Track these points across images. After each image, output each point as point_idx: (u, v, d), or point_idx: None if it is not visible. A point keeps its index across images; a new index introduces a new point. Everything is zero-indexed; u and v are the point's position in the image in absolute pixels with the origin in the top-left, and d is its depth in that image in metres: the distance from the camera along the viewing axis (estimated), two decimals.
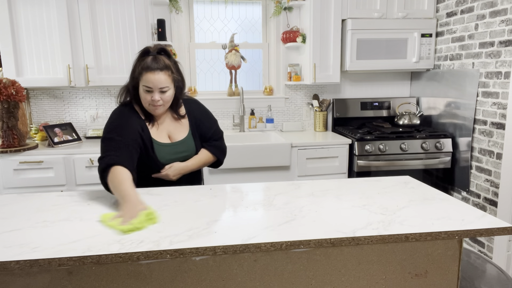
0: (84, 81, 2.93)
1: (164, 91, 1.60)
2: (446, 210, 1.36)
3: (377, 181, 1.74)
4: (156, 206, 1.42)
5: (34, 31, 2.82)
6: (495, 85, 2.64)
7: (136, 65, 1.62)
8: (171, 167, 1.69)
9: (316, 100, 3.52)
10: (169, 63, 1.62)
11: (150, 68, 1.57)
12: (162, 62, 1.59)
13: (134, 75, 1.62)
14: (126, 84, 1.68)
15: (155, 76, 1.56)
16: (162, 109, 1.65)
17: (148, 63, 1.58)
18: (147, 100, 1.60)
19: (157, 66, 1.57)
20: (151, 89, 1.58)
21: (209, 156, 1.80)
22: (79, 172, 2.75)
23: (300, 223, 1.25)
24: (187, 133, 1.75)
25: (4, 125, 2.66)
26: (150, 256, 1.06)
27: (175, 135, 1.73)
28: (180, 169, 1.72)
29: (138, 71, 1.59)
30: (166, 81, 1.59)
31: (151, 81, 1.57)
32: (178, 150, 1.72)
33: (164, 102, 1.62)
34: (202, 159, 1.78)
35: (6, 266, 1.01)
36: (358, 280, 1.27)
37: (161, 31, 3.09)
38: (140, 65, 1.59)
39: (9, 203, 1.47)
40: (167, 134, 1.72)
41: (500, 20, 2.59)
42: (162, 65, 1.59)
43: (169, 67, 1.61)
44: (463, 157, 2.98)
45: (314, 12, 3.11)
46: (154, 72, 1.56)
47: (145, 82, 1.58)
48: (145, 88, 1.58)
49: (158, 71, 1.57)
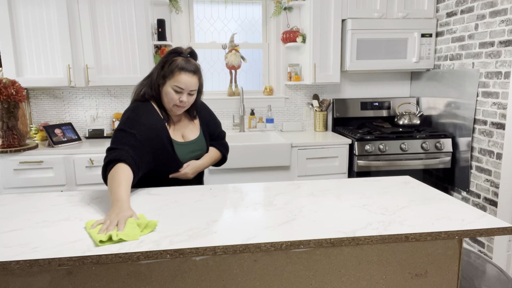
0: (84, 81, 2.93)
1: (192, 94, 1.63)
2: (446, 210, 1.36)
3: (377, 181, 1.74)
4: (156, 206, 1.42)
5: (34, 31, 2.82)
6: (495, 85, 2.64)
7: (165, 63, 1.60)
8: (188, 166, 1.72)
9: (316, 100, 3.52)
10: (199, 66, 1.65)
11: (185, 69, 1.57)
12: (194, 65, 1.61)
13: (163, 72, 1.60)
14: (149, 81, 1.66)
15: (189, 78, 1.58)
16: (183, 110, 1.66)
17: (183, 63, 1.58)
18: (174, 99, 1.60)
19: (191, 69, 1.59)
20: (182, 90, 1.58)
21: (218, 154, 1.88)
22: (79, 172, 2.75)
23: (300, 223, 1.25)
24: (199, 133, 1.80)
25: (4, 125, 2.66)
26: (150, 256, 1.06)
27: (188, 134, 1.76)
28: (197, 167, 1.76)
29: (170, 69, 1.57)
30: (196, 84, 1.62)
31: (184, 82, 1.57)
32: (193, 149, 1.76)
33: (188, 104, 1.64)
34: (213, 157, 1.85)
35: (6, 266, 1.01)
36: (358, 280, 1.27)
37: (161, 31, 3.09)
38: (173, 64, 1.58)
39: (9, 203, 1.47)
40: (181, 134, 1.74)
41: (500, 20, 2.59)
42: (195, 68, 1.61)
43: (200, 71, 1.64)
44: (463, 157, 2.98)
45: (314, 12, 3.11)
46: (188, 73, 1.57)
47: (177, 82, 1.57)
48: (175, 88, 1.58)
49: (192, 73, 1.59)
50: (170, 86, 1.59)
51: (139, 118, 1.58)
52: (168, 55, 1.62)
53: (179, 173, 1.72)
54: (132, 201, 1.48)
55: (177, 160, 1.69)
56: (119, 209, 1.24)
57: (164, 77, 1.60)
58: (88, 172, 2.76)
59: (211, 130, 1.86)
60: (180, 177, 1.73)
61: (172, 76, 1.57)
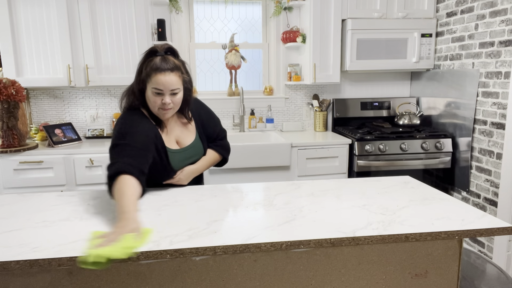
0: (84, 81, 2.93)
1: (175, 93, 1.51)
2: (446, 210, 1.36)
3: (377, 181, 1.74)
4: (156, 206, 1.42)
5: (34, 31, 2.82)
6: (495, 85, 2.64)
7: (142, 66, 1.52)
8: (182, 172, 1.65)
9: (316, 100, 3.52)
10: (178, 63, 1.52)
11: (160, 69, 1.46)
12: (172, 62, 1.49)
13: (141, 77, 1.51)
14: (131, 88, 1.57)
15: (165, 78, 1.46)
16: (172, 112, 1.56)
17: (158, 63, 1.47)
18: (157, 103, 1.50)
19: (167, 67, 1.47)
20: (161, 92, 1.48)
21: (216, 156, 1.78)
22: (79, 172, 2.75)
23: (300, 223, 1.25)
24: (195, 137, 1.70)
25: (4, 125, 2.66)
26: (150, 256, 1.06)
27: (183, 139, 1.67)
28: (191, 173, 1.69)
29: (146, 72, 1.49)
30: (177, 82, 1.50)
31: (162, 83, 1.46)
32: (189, 155, 1.67)
33: (174, 105, 1.53)
34: (210, 160, 1.76)
35: (6, 266, 1.01)
36: (358, 280, 1.27)
37: (161, 31, 3.09)
38: (148, 66, 1.48)
39: (9, 203, 1.47)
40: (175, 139, 1.65)
41: (500, 20, 2.59)
42: (172, 65, 1.49)
43: (179, 68, 1.52)
44: (463, 157, 2.98)
45: (314, 12, 3.11)
46: (164, 73, 1.46)
47: (154, 84, 1.47)
48: (154, 91, 1.48)
49: (169, 72, 1.47)
50: (150, 89, 1.49)
51: (130, 128, 1.50)
52: (145, 57, 1.52)
53: (173, 180, 1.65)
54: None
55: (169, 169, 1.61)
56: (123, 222, 1.17)
57: (143, 81, 1.51)
58: (88, 172, 2.76)
59: (208, 132, 1.75)
60: (173, 183, 1.66)
61: (149, 78, 1.48)
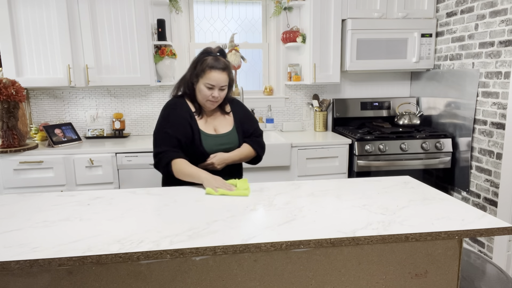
0: (84, 81, 2.93)
1: (223, 89, 1.78)
2: (446, 210, 1.36)
3: (377, 181, 1.74)
4: (156, 206, 1.43)
5: (34, 31, 2.82)
6: (495, 85, 2.64)
7: (197, 63, 1.77)
8: (215, 156, 1.81)
9: (316, 100, 3.52)
10: (228, 63, 1.79)
11: (214, 67, 1.73)
12: (223, 62, 1.76)
13: (195, 72, 1.77)
14: (185, 79, 1.83)
15: (219, 75, 1.73)
16: (216, 105, 1.82)
17: (212, 62, 1.73)
18: (207, 96, 1.76)
19: (220, 66, 1.74)
20: (213, 87, 1.74)
21: (250, 150, 1.93)
22: (79, 172, 2.75)
23: (300, 223, 1.25)
24: (232, 127, 1.90)
25: (4, 125, 2.66)
26: (150, 256, 1.06)
27: (220, 128, 1.88)
28: (224, 159, 1.83)
29: (201, 68, 1.74)
30: (226, 80, 1.76)
31: (215, 79, 1.73)
32: (223, 141, 1.85)
33: (220, 99, 1.79)
34: (244, 152, 1.91)
35: (6, 266, 1.01)
36: (358, 280, 1.27)
37: (161, 31, 3.09)
38: (204, 63, 1.74)
39: (9, 203, 1.47)
40: (213, 127, 1.86)
41: (500, 20, 2.59)
42: (224, 65, 1.76)
43: (229, 68, 1.79)
44: (463, 157, 2.98)
45: (314, 12, 3.11)
46: (218, 71, 1.73)
47: (208, 80, 1.73)
48: (207, 85, 1.74)
49: (221, 70, 1.74)
50: (203, 83, 1.75)
51: (171, 115, 1.79)
52: (200, 55, 1.79)
53: (206, 163, 1.80)
54: (133, 201, 1.48)
55: (202, 150, 1.79)
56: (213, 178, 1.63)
57: (197, 75, 1.76)
58: (88, 172, 2.76)
59: (245, 127, 1.94)
60: (208, 168, 1.80)
61: (203, 74, 1.74)
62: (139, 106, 3.36)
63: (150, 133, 3.41)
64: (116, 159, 2.77)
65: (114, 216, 1.32)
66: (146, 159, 2.79)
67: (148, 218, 1.30)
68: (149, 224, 1.24)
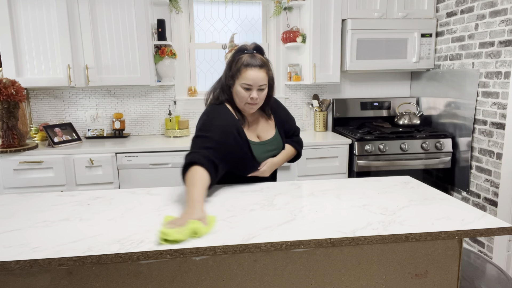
0: (84, 81, 2.93)
1: (262, 89, 1.60)
2: (446, 210, 1.36)
3: (377, 181, 1.74)
4: (156, 206, 1.42)
5: (34, 31, 2.82)
6: (495, 85, 2.64)
7: (232, 63, 1.61)
8: (266, 163, 1.72)
9: (316, 100, 3.52)
10: (266, 60, 1.61)
11: (250, 64, 1.56)
12: (260, 59, 1.59)
13: (230, 73, 1.60)
14: (220, 84, 1.67)
15: (255, 73, 1.55)
16: (256, 107, 1.64)
17: (248, 60, 1.56)
18: (245, 98, 1.59)
19: (257, 63, 1.56)
20: (250, 87, 1.57)
21: (293, 150, 1.85)
22: (79, 172, 2.75)
23: (300, 223, 1.25)
24: (275, 132, 1.78)
25: (4, 125, 2.66)
26: (150, 256, 1.06)
27: (263, 134, 1.74)
28: (274, 165, 1.76)
29: (237, 68, 1.57)
30: (264, 78, 1.59)
31: (252, 78, 1.55)
32: (269, 148, 1.74)
33: (260, 100, 1.61)
34: (288, 154, 1.83)
35: (6, 266, 1.01)
36: (358, 280, 1.27)
37: (161, 31, 3.09)
38: (239, 62, 1.58)
39: (9, 203, 1.47)
40: (256, 134, 1.73)
41: (500, 20, 2.59)
42: (261, 62, 1.58)
43: (267, 65, 1.61)
44: (463, 157, 2.98)
45: (314, 12, 3.11)
46: (253, 68, 1.55)
47: (244, 80, 1.56)
48: (244, 86, 1.57)
49: (258, 68, 1.56)
50: (239, 84, 1.58)
51: (214, 121, 1.59)
52: (234, 55, 1.62)
53: (258, 172, 1.71)
54: (133, 201, 1.48)
55: (254, 160, 1.67)
56: (191, 209, 1.26)
57: (232, 77, 1.60)
58: (88, 172, 2.76)
59: (286, 128, 1.83)
60: (259, 175, 1.72)
61: (239, 74, 1.57)
62: (139, 106, 3.36)
63: (150, 133, 3.41)
64: (116, 159, 2.78)
65: (114, 216, 1.32)
66: (146, 159, 2.79)
67: (148, 218, 1.30)
68: (149, 224, 1.24)
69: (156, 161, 2.81)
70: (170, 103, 3.39)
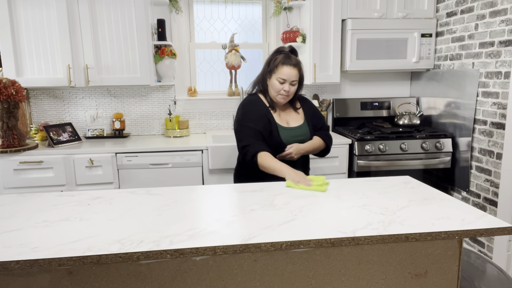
0: (84, 81, 2.93)
1: (293, 84, 1.95)
2: (446, 210, 1.36)
3: (377, 181, 1.74)
4: (156, 206, 1.43)
5: (34, 31, 2.82)
6: (495, 85, 2.64)
7: (270, 61, 1.96)
8: (292, 147, 1.96)
9: (316, 100, 3.52)
10: (299, 61, 1.96)
11: (286, 63, 1.91)
12: (294, 59, 1.94)
13: (268, 68, 1.96)
14: (259, 76, 2.02)
15: (290, 70, 1.91)
16: (287, 99, 1.99)
17: (285, 59, 1.92)
18: (278, 89, 1.93)
19: (291, 62, 1.92)
20: (284, 81, 1.92)
21: (321, 142, 2.09)
22: (79, 172, 2.75)
23: (300, 223, 1.25)
24: (303, 121, 2.08)
25: (4, 125, 2.66)
26: (150, 256, 1.06)
27: (293, 122, 2.05)
28: (300, 149, 1.99)
29: (274, 64, 1.93)
30: (296, 76, 1.94)
31: (286, 74, 1.90)
32: (297, 133, 2.02)
33: (290, 93, 1.96)
34: (316, 144, 2.06)
35: (6, 266, 1.01)
36: (358, 280, 1.27)
37: (161, 31, 3.09)
38: (277, 60, 1.93)
39: (9, 203, 1.47)
40: (286, 121, 2.04)
41: (500, 20, 2.59)
42: (295, 62, 1.94)
43: (299, 65, 1.96)
44: (463, 157, 2.98)
45: (314, 12, 3.11)
46: (290, 66, 1.91)
47: (280, 74, 1.91)
48: (279, 80, 1.92)
49: (292, 66, 1.91)
50: (275, 78, 1.93)
51: (251, 111, 1.97)
52: (272, 54, 1.98)
53: (284, 153, 1.95)
54: (133, 201, 1.48)
55: (280, 141, 1.95)
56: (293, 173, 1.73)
57: (270, 71, 1.95)
58: (88, 172, 2.76)
59: (314, 122, 2.11)
60: (285, 158, 1.94)
61: (276, 69, 1.92)
62: (139, 106, 3.36)
63: (150, 133, 3.41)
64: (116, 159, 2.78)
65: (114, 216, 1.32)
66: (146, 159, 2.79)
67: (148, 218, 1.30)
68: (149, 224, 1.25)
69: (156, 161, 2.81)
70: (170, 103, 3.39)
